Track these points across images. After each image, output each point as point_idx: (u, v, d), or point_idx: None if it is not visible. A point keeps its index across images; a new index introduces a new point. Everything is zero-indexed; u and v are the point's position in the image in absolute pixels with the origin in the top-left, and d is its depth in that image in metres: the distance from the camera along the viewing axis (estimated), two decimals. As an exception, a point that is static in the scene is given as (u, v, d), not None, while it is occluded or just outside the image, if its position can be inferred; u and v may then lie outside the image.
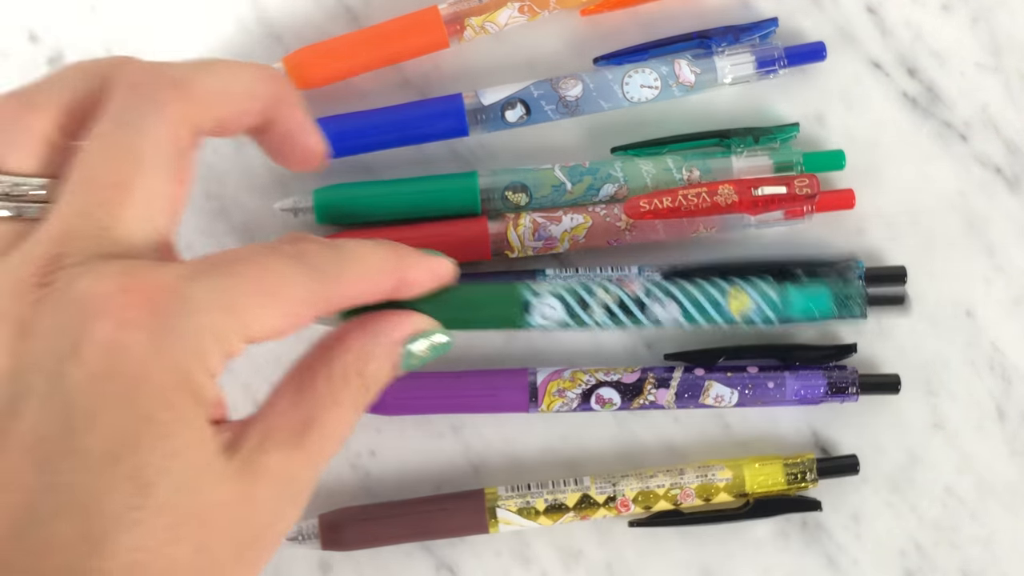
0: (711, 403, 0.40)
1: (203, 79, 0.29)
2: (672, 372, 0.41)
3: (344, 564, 0.42)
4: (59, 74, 0.30)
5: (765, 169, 0.42)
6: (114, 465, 0.25)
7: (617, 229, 0.41)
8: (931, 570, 0.42)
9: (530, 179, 0.41)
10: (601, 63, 0.43)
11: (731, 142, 0.42)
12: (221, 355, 0.27)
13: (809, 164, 0.42)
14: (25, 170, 0.29)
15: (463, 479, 0.42)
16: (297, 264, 0.29)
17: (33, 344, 0.26)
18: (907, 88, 0.43)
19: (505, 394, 0.41)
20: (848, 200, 0.42)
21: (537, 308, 0.37)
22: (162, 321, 0.26)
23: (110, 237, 0.27)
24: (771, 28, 0.42)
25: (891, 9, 0.44)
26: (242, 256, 0.28)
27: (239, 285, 0.28)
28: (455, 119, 0.42)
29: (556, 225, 0.41)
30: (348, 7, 0.44)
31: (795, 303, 0.38)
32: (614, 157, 0.42)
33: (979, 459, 0.42)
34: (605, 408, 0.40)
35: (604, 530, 0.42)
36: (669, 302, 0.38)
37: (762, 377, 0.40)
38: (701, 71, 0.42)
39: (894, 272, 0.42)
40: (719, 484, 0.41)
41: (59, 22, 0.44)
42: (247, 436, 0.28)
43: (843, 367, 0.41)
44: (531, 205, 0.41)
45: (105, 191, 0.28)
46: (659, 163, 0.42)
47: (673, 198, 0.40)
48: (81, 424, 0.26)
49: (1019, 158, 0.43)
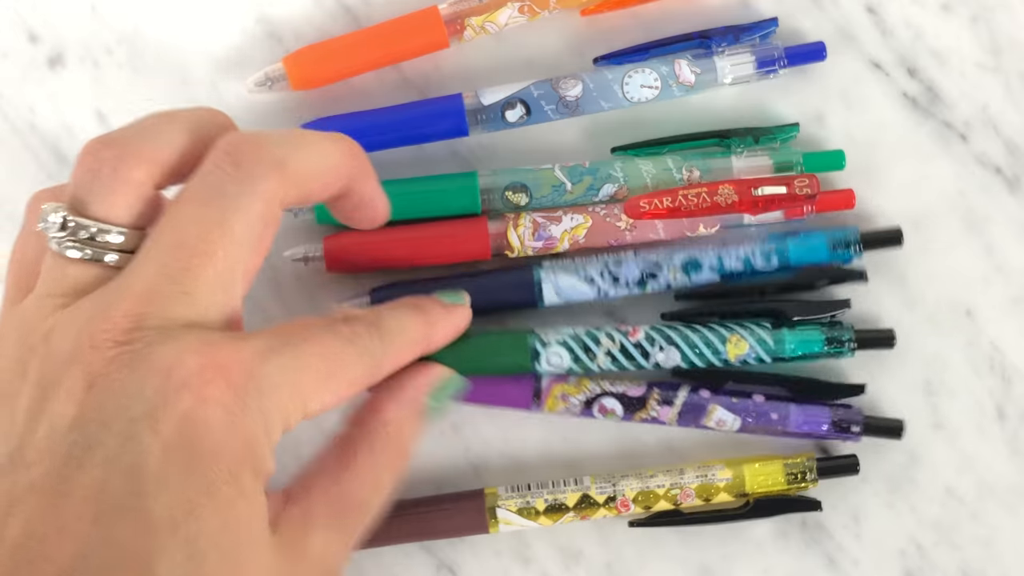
0: (712, 426, 0.40)
1: (299, 159, 0.31)
2: (677, 390, 0.41)
3: (344, 564, 0.42)
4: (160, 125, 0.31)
5: (765, 169, 0.42)
6: (173, 531, 0.26)
7: (617, 229, 0.41)
8: (931, 570, 0.42)
9: (530, 179, 0.41)
10: (601, 63, 0.43)
11: (731, 142, 0.42)
12: (282, 431, 0.29)
13: (809, 164, 0.42)
14: (112, 219, 0.30)
15: (463, 479, 0.42)
16: (351, 347, 0.31)
17: (104, 399, 0.27)
18: (907, 88, 0.43)
19: (509, 389, 0.41)
20: (848, 200, 0.42)
21: (545, 356, 0.39)
22: (239, 399, 0.28)
23: (190, 303, 0.28)
24: (771, 28, 0.42)
25: (891, 9, 0.44)
26: (307, 336, 0.30)
27: (306, 368, 0.29)
28: (455, 119, 0.42)
29: (556, 225, 0.41)
30: (348, 7, 0.44)
31: (789, 346, 0.40)
32: (614, 157, 0.42)
33: (979, 459, 0.42)
34: (607, 417, 0.40)
35: (604, 530, 0.42)
36: (670, 348, 0.40)
37: (766, 407, 0.40)
38: (701, 71, 0.42)
39: (890, 235, 0.42)
40: (719, 484, 0.41)
41: (59, 22, 0.44)
42: (290, 514, 0.30)
43: (848, 406, 0.41)
44: (531, 205, 0.41)
45: (192, 257, 0.28)
46: (659, 163, 0.42)
47: (673, 198, 0.41)
48: (149, 488, 0.26)
49: (1019, 158, 0.43)
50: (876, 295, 0.42)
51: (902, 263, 0.42)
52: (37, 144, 0.44)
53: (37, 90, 0.44)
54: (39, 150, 0.44)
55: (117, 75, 0.44)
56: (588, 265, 0.41)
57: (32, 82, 0.44)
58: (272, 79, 0.42)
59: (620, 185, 0.41)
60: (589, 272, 0.41)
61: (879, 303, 0.42)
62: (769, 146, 0.42)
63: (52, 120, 0.44)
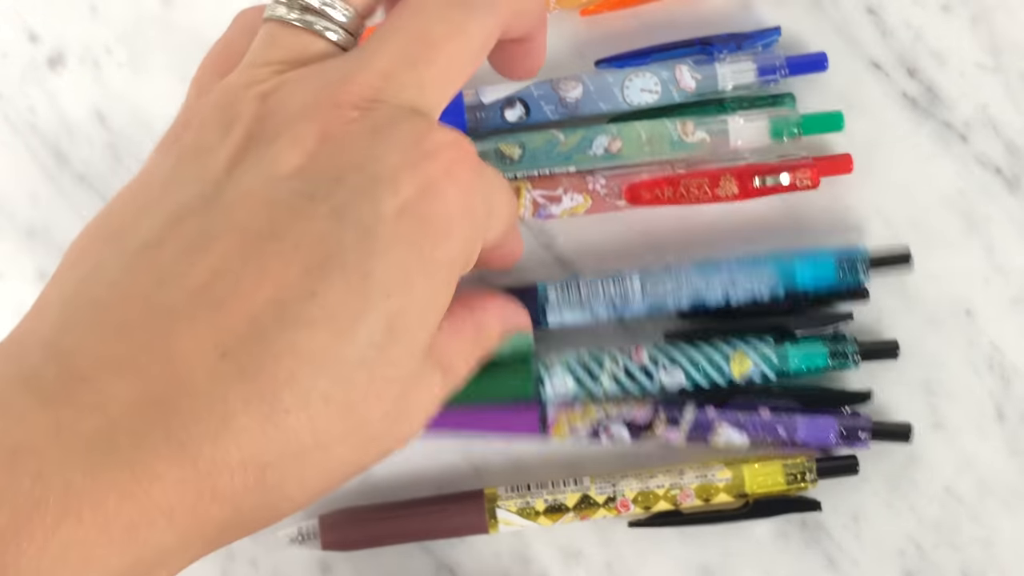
0: (721, 446, 0.40)
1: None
2: (683, 409, 0.40)
3: (344, 564, 0.42)
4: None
5: (762, 130, 0.41)
6: (384, 300, 0.26)
7: (616, 209, 0.41)
8: (931, 570, 0.42)
9: (523, 134, 0.41)
10: (603, 66, 0.43)
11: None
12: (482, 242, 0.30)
13: (807, 126, 0.42)
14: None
15: (463, 479, 0.42)
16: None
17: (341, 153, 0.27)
18: (907, 88, 0.43)
19: (515, 419, 0.41)
20: (846, 165, 0.42)
21: (549, 382, 0.40)
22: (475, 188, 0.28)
23: (420, 94, 0.28)
24: (774, 37, 0.42)
25: (891, 9, 0.44)
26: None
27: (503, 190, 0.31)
28: (454, 116, 0.42)
29: (556, 205, 0.41)
30: (348, 7, 0.44)
31: (793, 362, 0.40)
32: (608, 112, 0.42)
33: (979, 459, 0.42)
34: (615, 443, 0.41)
35: (604, 530, 0.42)
36: (674, 369, 0.40)
37: (773, 421, 0.40)
38: (702, 77, 0.42)
39: (898, 254, 0.42)
40: (719, 484, 0.41)
41: (59, 22, 0.44)
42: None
43: (856, 413, 0.41)
44: (524, 158, 0.41)
45: (433, 51, 0.28)
46: (655, 124, 0.42)
47: (675, 189, 0.41)
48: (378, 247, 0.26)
49: (1019, 158, 0.43)
50: (875, 295, 0.42)
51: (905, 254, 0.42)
52: (37, 144, 0.44)
53: (37, 90, 0.44)
54: (39, 150, 0.44)
55: (117, 75, 0.44)
56: (594, 301, 0.41)
57: (32, 82, 0.44)
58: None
59: (613, 137, 0.41)
60: (595, 308, 0.41)
61: (879, 303, 0.42)
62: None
63: (52, 120, 0.44)
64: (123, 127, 0.43)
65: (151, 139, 0.43)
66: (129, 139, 0.43)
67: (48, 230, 0.44)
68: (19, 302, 0.44)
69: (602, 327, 0.42)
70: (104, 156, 0.43)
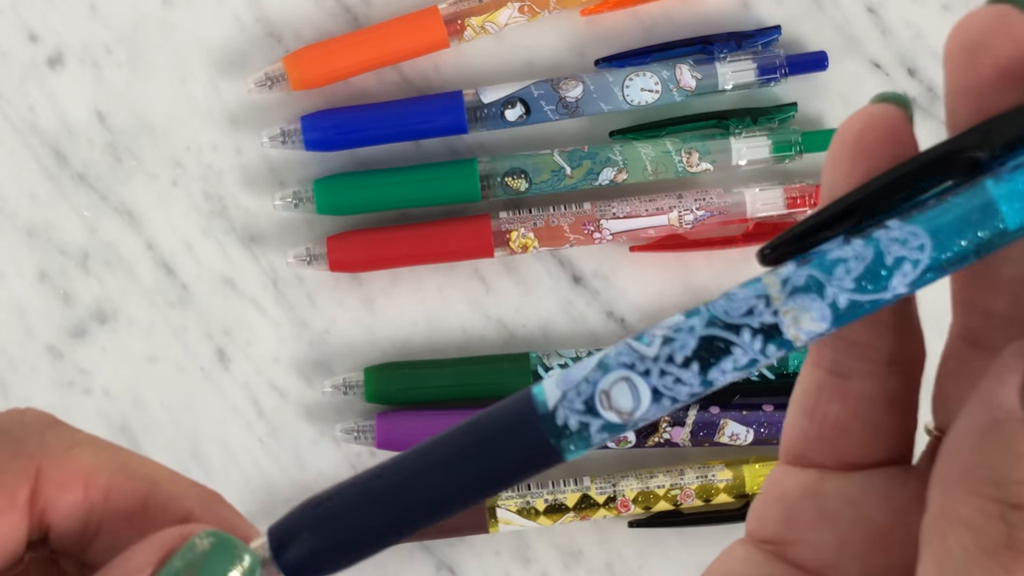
0: (726, 441, 0.40)
1: None
2: (687, 410, 0.40)
3: (344, 564, 0.42)
4: None
5: (763, 149, 0.42)
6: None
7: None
8: (931, 570, 0.42)
9: (529, 164, 0.42)
10: (603, 65, 0.43)
11: (730, 123, 0.42)
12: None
13: (808, 143, 0.42)
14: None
15: (463, 479, 0.42)
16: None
17: None
18: (907, 88, 0.43)
19: None
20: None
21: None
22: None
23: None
24: (774, 36, 0.42)
25: (891, 9, 0.44)
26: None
27: None
28: (455, 116, 0.42)
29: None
30: (348, 7, 0.44)
31: (793, 362, 0.41)
32: (613, 141, 0.42)
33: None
34: (620, 446, 0.41)
35: (604, 530, 0.42)
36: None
37: (778, 416, 0.40)
38: (702, 76, 0.42)
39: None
40: (719, 484, 0.41)
41: (59, 22, 0.44)
42: None
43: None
44: (531, 190, 0.42)
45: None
46: (658, 146, 0.42)
47: (681, 245, 0.42)
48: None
49: (1019, 158, 0.43)
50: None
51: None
52: (37, 144, 0.44)
53: (37, 90, 0.44)
54: (39, 150, 0.44)
55: (117, 75, 0.44)
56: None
57: (32, 82, 0.44)
58: (272, 79, 0.42)
59: (619, 169, 0.41)
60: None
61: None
62: (767, 127, 0.42)
63: (52, 120, 0.44)
64: (123, 127, 0.43)
65: (151, 139, 0.43)
66: (129, 139, 0.43)
67: (48, 230, 0.44)
68: (19, 302, 0.44)
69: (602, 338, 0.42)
70: (104, 156, 0.43)
